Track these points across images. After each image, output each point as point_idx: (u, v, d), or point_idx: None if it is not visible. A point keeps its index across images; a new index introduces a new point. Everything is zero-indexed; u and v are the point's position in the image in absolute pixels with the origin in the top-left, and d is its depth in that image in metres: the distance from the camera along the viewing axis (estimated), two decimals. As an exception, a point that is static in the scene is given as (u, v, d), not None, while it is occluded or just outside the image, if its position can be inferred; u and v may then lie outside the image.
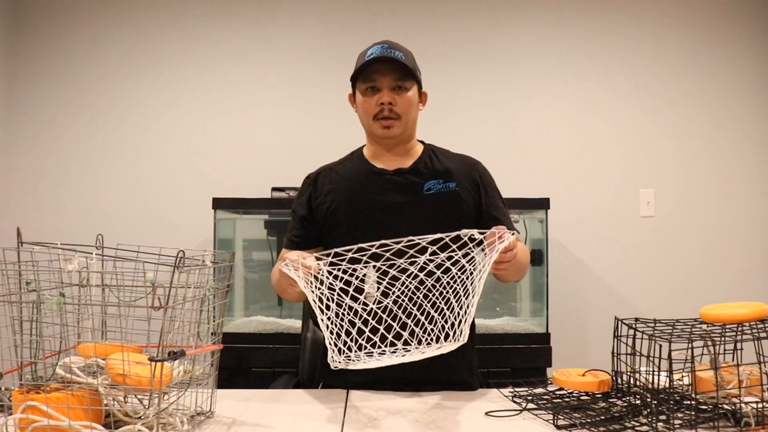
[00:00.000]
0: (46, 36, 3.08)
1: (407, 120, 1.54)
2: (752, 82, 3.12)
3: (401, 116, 1.52)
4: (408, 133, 1.58)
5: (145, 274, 0.98)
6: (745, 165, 3.09)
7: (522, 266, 1.49)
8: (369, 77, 1.51)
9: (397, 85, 1.51)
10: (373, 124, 1.54)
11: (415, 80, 1.54)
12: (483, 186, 1.59)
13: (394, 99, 1.51)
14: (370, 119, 1.54)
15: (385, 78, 1.50)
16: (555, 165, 3.07)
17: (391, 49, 1.51)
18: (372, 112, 1.53)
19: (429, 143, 1.65)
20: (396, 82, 1.51)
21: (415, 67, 1.55)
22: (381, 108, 1.51)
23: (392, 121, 1.52)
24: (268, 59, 3.09)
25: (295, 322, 2.61)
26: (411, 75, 1.51)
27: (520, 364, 2.53)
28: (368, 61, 1.49)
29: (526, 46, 3.11)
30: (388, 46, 1.52)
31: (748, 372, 1.12)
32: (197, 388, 1.13)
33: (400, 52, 1.51)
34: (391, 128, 1.53)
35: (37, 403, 0.94)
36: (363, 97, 1.54)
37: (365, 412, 1.25)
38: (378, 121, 1.53)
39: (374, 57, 1.49)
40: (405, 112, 1.53)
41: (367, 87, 1.52)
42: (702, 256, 3.05)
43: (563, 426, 1.10)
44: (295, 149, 3.04)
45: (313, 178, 1.63)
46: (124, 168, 3.05)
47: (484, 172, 1.63)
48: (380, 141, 1.58)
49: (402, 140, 1.58)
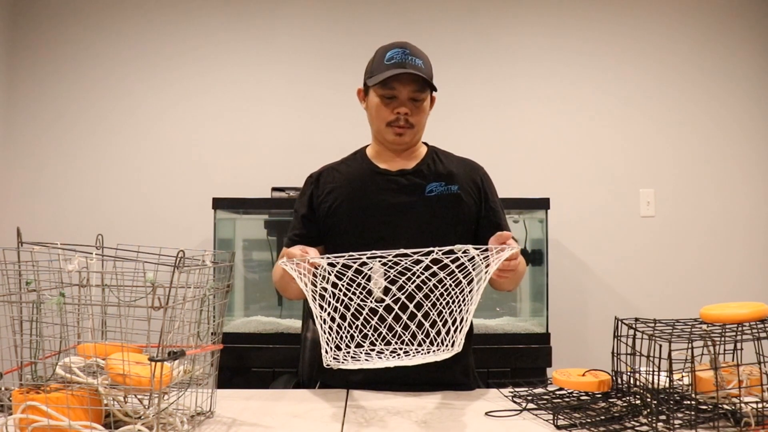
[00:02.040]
0: (46, 36, 3.08)
1: (419, 128, 1.56)
2: (752, 82, 3.12)
3: (415, 125, 1.53)
4: (417, 138, 1.60)
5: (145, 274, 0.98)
6: (745, 165, 3.09)
7: (519, 277, 1.52)
8: (388, 84, 1.50)
9: (415, 97, 1.51)
10: (385, 129, 1.54)
11: (431, 90, 1.54)
12: (484, 190, 1.60)
13: (410, 110, 1.51)
14: (382, 125, 1.54)
15: (405, 88, 1.50)
16: (555, 165, 3.07)
17: (413, 57, 1.49)
18: (387, 119, 1.53)
19: (432, 145, 1.66)
20: (414, 94, 1.51)
21: (432, 74, 1.54)
22: (397, 117, 1.52)
23: (405, 130, 1.53)
24: (268, 59, 3.09)
25: (295, 322, 2.61)
26: (429, 86, 1.51)
27: (520, 364, 2.53)
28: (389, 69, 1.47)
29: (526, 46, 3.11)
30: (409, 52, 1.50)
31: (748, 372, 1.12)
32: (197, 388, 1.13)
33: (420, 60, 1.50)
34: (403, 136, 1.54)
35: (37, 403, 0.94)
36: (379, 102, 1.53)
37: (365, 411, 1.25)
38: (391, 128, 1.53)
39: (395, 63, 1.48)
40: (418, 121, 1.54)
41: (385, 94, 1.52)
42: (702, 256, 3.05)
43: (563, 426, 1.10)
44: (295, 149, 3.04)
45: (316, 177, 1.63)
46: (124, 168, 3.05)
47: (485, 177, 1.64)
48: (389, 146, 1.59)
49: (410, 145, 1.59)
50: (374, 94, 1.54)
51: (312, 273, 1.17)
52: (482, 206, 1.58)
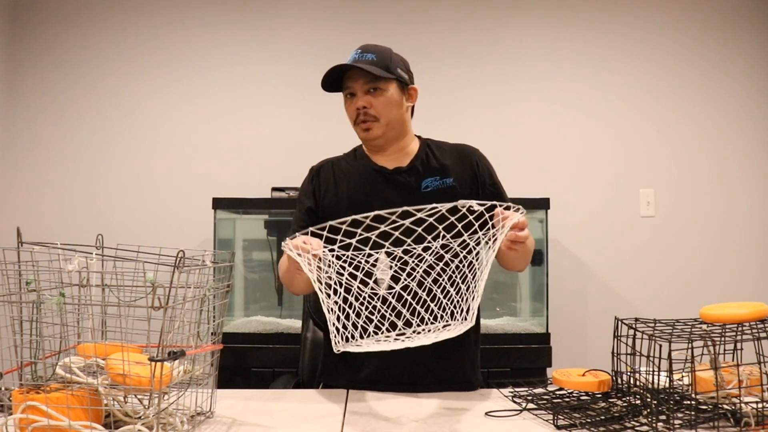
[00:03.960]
0: (46, 36, 3.08)
1: (387, 120, 1.53)
2: (752, 82, 3.12)
3: (379, 118, 1.52)
4: (395, 132, 1.56)
5: (145, 274, 0.98)
6: (745, 165, 3.09)
7: (528, 253, 1.51)
8: (345, 84, 1.54)
9: (372, 87, 1.51)
10: (356, 129, 1.57)
11: (392, 79, 1.52)
12: (481, 175, 1.58)
13: (369, 102, 1.52)
14: (353, 125, 1.57)
15: (356, 83, 1.52)
16: (555, 165, 3.07)
17: (364, 53, 1.52)
18: (352, 117, 1.56)
19: (426, 138, 1.65)
20: (368, 85, 1.51)
21: (391, 65, 1.53)
22: (358, 112, 1.53)
23: (370, 124, 1.53)
24: (268, 59, 3.09)
25: (295, 322, 2.61)
26: (382, 76, 1.50)
27: (520, 364, 2.53)
28: (334, 68, 1.51)
29: (526, 46, 3.11)
30: (362, 51, 1.53)
31: (748, 372, 1.12)
32: (197, 388, 1.13)
33: (371, 54, 1.52)
34: (370, 130, 1.53)
35: (37, 403, 0.94)
36: (345, 103, 1.58)
37: (365, 412, 1.25)
38: (358, 125, 1.55)
39: (341, 65, 1.51)
40: (383, 113, 1.52)
41: (346, 94, 1.56)
42: (702, 256, 3.05)
43: (563, 426, 1.10)
44: (295, 149, 3.04)
45: (317, 170, 1.64)
46: (124, 168, 3.05)
47: (481, 159, 1.62)
48: (366, 144, 1.60)
49: (389, 140, 1.57)
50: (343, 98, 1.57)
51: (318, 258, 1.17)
52: (481, 192, 1.57)
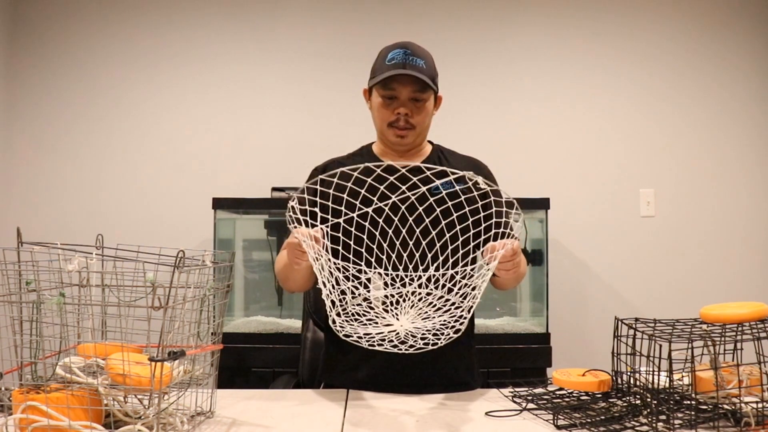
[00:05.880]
0: (46, 36, 3.08)
1: (421, 129, 1.55)
2: (752, 82, 3.11)
3: (416, 126, 1.53)
4: (421, 139, 1.59)
5: (145, 274, 0.98)
6: (745, 165, 3.09)
7: (521, 274, 1.51)
8: (388, 85, 1.49)
9: (418, 97, 1.50)
10: (387, 130, 1.54)
11: (434, 91, 1.53)
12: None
13: (411, 111, 1.51)
14: (384, 125, 1.54)
15: (404, 89, 1.49)
16: (555, 165, 3.07)
17: (414, 57, 1.48)
18: (388, 120, 1.53)
19: (438, 144, 1.66)
20: (414, 94, 1.50)
21: (434, 74, 1.53)
22: (397, 118, 1.51)
23: (407, 132, 1.52)
24: (268, 59, 3.09)
25: (295, 322, 2.61)
26: (432, 88, 1.50)
27: (520, 364, 2.53)
28: (390, 69, 1.47)
29: (526, 46, 3.11)
30: (410, 53, 1.49)
31: (748, 372, 1.12)
32: (197, 388, 1.13)
33: (422, 60, 1.49)
34: (405, 137, 1.53)
35: (37, 403, 0.94)
36: (380, 102, 1.53)
37: (365, 411, 1.25)
38: (392, 129, 1.53)
39: (395, 64, 1.47)
40: (420, 122, 1.53)
41: (386, 95, 1.51)
42: (702, 256, 3.05)
43: (563, 426, 1.10)
44: (295, 149, 3.04)
45: (321, 171, 1.63)
46: (124, 168, 3.05)
47: (489, 176, 1.63)
48: (392, 147, 1.59)
49: (413, 146, 1.59)
50: (376, 94, 1.53)
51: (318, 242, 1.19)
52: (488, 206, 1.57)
